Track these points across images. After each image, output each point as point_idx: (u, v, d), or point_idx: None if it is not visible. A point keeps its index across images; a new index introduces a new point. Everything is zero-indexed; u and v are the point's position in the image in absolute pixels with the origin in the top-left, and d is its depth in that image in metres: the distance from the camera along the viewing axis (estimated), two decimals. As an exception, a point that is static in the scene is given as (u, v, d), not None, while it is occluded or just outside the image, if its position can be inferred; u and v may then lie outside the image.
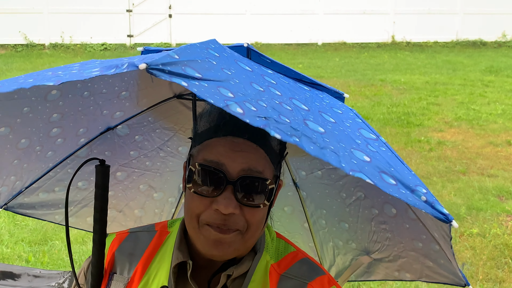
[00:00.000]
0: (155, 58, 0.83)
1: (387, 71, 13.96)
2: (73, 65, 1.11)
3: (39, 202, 1.69)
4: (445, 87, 12.01)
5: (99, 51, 16.93)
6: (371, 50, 17.79)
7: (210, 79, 0.86)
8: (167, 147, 1.75)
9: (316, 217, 1.80)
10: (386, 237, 1.61)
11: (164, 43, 17.68)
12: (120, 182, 1.76)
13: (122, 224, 1.86)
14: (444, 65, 15.07)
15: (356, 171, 0.83)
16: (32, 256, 4.56)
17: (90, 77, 0.86)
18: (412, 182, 0.94)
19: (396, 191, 0.87)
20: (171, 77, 0.80)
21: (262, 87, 0.96)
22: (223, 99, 0.81)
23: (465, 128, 8.91)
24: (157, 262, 1.21)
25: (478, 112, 9.84)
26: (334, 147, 0.87)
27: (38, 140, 1.45)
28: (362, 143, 1.00)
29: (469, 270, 4.48)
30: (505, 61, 15.58)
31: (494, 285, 4.29)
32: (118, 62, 0.90)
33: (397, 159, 1.05)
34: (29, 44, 16.96)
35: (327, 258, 1.86)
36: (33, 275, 2.62)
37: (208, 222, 1.07)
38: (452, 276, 1.52)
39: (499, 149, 7.76)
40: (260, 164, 1.08)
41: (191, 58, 0.89)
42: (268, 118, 0.82)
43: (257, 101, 0.87)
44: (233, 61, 1.04)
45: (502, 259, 4.67)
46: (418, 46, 18.27)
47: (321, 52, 17.42)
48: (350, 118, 1.15)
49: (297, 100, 1.02)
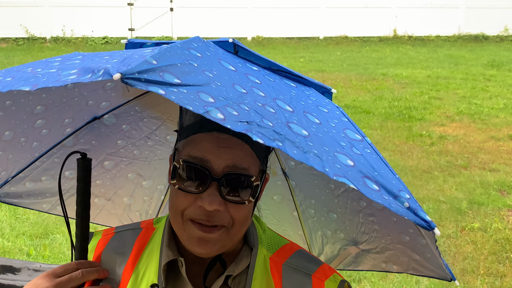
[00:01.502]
0: (131, 66, 0.81)
1: (388, 65, 13.94)
2: (54, 60, 1.09)
3: (26, 191, 1.69)
4: (447, 81, 11.99)
5: (100, 45, 16.92)
6: (373, 44, 17.75)
7: (190, 84, 0.84)
8: (155, 136, 1.75)
9: (305, 206, 1.81)
10: (373, 229, 1.62)
11: (165, 36, 17.66)
12: (108, 171, 1.75)
13: (111, 212, 1.86)
14: (446, 59, 15.04)
15: (340, 175, 0.82)
16: (33, 249, 4.57)
17: (66, 83, 0.84)
18: (395, 187, 0.93)
19: (379, 197, 0.86)
20: (148, 86, 0.78)
21: (245, 89, 0.94)
22: (203, 105, 0.79)
23: (467, 122, 8.90)
24: (145, 260, 1.20)
25: (480, 107, 9.82)
26: (317, 151, 0.86)
27: (22, 132, 1.45)
28: (346, 145, 0.99)
29: (473, 260, 4.48)
30: (507, 55, 15.54)
31: (495, 279, 4.29)
32: (96, 65, 0.87)
33: (381, 162, 1.04)
34: (31, 37, 16.95)
35: (316, 247, 1.87)
36: (33, 269, 2.61)
37: (192, 217, 1.06)
38: (438, 270, 1.53)
39: (500, 144, 7.75)
40: (246, 160, 1.07)
41: (170, 63, 0.87)
42: (250, 122, 0.81)
43: (239, 104, 0.85)
44: (216, 60, 1.02)
45: (504, 254, 4.66)
46: (420, 40, 18.23)
47: (323, 46, 17.38)
48: (335, 117, 1.14)
49: (281, 101, 1.00)
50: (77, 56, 1.11)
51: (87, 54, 1.14)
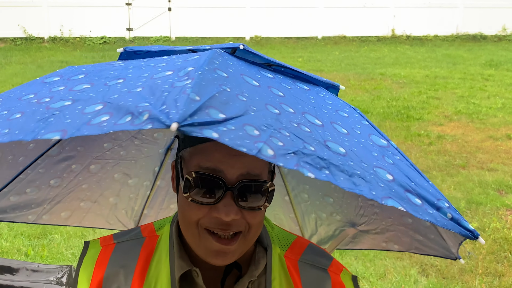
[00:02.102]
0: (180, 108, 0.77)
1: (387, 65, 13.94)
2: (52, 81, 1.03)
3: (11, 205, 1.66)
4: (445, 81, 11.99)
5: (98, 45, 16.90)
6: (371, 44, 17.76)
7: (233, 116, 0.81)
8: (142, 135, 1.73)
9: (298, 191, 1.82)
10: (373, 212, 1.63)
11: (163, 36, 17.64)
12: (94, 174, 1.74)
13: (97, 213, 1.85)
14: (444, 59, 15.05)
15: (387, 197, 0.81)
16: (31, 250, 4.56)
17: (102, 131, 0.77)
18: (434, 196, 0.92)
19: (425, 213, 0.85)
20: (202, 130, 0.75)
21: (276, 108, 0.93)
22: (253, 142, 0.77)
23: (465, 122, 8.90)
24: (154, 271, 1.16)
25: (478, 106, 9.83)
26: (360, 172, 0.84)
27: (10, 151, 1.43)
28: (379, 156, 0.97)
29: (471, 260, 4.48)
30: (505, 55, 15.55)
31: (494, 279, 4.29)
32: (128, 103, 0.82)
33: (413, 169, 1.03)
34: (28, 37, 16.93)
35: (308, 228, 1.89)
36: (31, 270, 2.61)
37: (208, 227, 1.04)
38: (442, 250, 1.54)
39: (499, 143, 7.75)
40: (258, 166, 1.05)
41: (210, 95, 0.84)
42: (296, 152, 0.80)
43: (279, 130, 0.84)
44: (240, 78, 1.00)
45: (502, 253, 4.67)
46: (418, 40, 18.24)
47: (321, 45, 17.38)
48: (357, 122, 1.12)
49: (309, 115, 0.99)
50: (78, 75, 1.06)
51: (88, 71, 1.08)
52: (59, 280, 2.63)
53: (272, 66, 1.28)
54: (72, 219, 1.82)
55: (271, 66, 1.28)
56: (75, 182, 1.72)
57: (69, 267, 2.78)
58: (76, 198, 1.77)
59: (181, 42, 17.21)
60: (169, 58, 1.11)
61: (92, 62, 14.09)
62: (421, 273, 4.41)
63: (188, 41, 17.27)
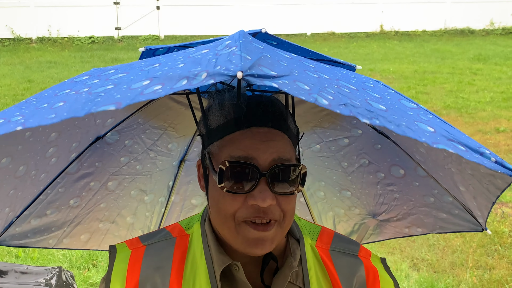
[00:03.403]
0: (237, 63, 0.79)
1: (376, 61, 13.97)
2: (104, 82, 0.93)
3: (32, 230, 1.63)
4: (434, 76, 12.04)
5: (86, 44, 16.82)
6: (360, 40, 17.79)
7: (283, 74, 0.82)
8: (156, 147, 1.73)
9: (313, 190, 1.81)
10: (393, 198, 1.63)
11: (152, 35, 17.59)
12: (111, 192, 1.73)
13: (115, 234, 1.82)
14: (432, 53, 15.10)
15: (437, 142, 0.81)
16: (21, 251, 4.53)
17: (160, 95, 0.75)
18: (474, 144, 0.92)
19: (472, 157, 0.85)
20: (263, 81, 0.76)
21: (315, 74, 0.93)
22: (307, 93, 0.78)
23: (454, 116, 8.94)
24: (190, 270, 1.14)
25: (467, 100, 9.87)
26: (405, 123, 0.85)
27: (35, 164, 1.39)
28: (414, 114, 0.97)
29: (460, 258, 4.51)
30: (493, 49, 15.63)
31: (484, 272, 4.32)
32: (181, 71, 0.82)
33: (448, 125, 1.03)
34: (16, 38, 16.82)
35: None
36: (20, 272, 2.59)
37: (245, 219, 1.03)
38: (468, 224, 1.54)
39: (488, 137, 7.79)
40: (287, 150, 1.06)
41: (257, 56, 0.85)
42: (346, 104, 0.80)
43: (326, 88, 0.85)
44: (272, 50, 1.01)
45: (492, 246, 4.70)
46: (407, 35, 18.29)
47: (310, 42, 17.39)
48: (384, 90, 1.12)
49: (343, 81, 0.98)
50: (108, 70, 1.03)
51: (116, 67, 1.06)
52: (48, 282, 2.61)
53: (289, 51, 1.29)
54: (92, 242, 1.80)
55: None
56: (93, 201, 1.70)
57: (58, 268, 2.77)
58: (95, 219, 1.76)
59: (170, 40, 17.16)
60: (195, 48, 1.08)
61: (81, 62, 14.02)
62: (412, 267, 4.43)
63: (177, 39, 17.21)
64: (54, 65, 13.59)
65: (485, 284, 4.15)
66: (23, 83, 11.45)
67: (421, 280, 4.19)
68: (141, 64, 1.01)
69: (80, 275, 4.23)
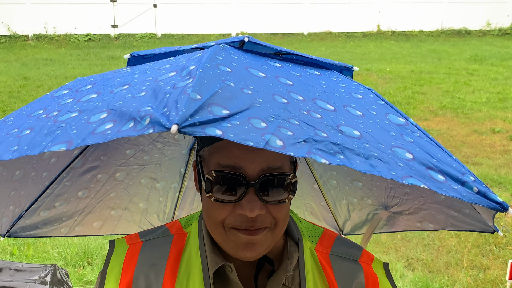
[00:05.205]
0: (180, 109, 0.77)
1: (372, 61, 13.98)
2: (61, 94, 1.04)
3: (42, 221, 1.66)
4: (430, 76, 12.06)
5: (83, 42, 16.78)
6: (357, 39, 17.80)
7: (237, 111, 0.81)
8: (163, 138, 1.74)
9: (326, 178, 1.82)
10: (404, 192, 1.62)
11: (149, 33, 17.56)
12: (120, 182, 1.74)
13: (129, 219, 1.85)
14: (429, 54, 15.13)
15: (407, 176, 0.80)
16: (16, 249, 4.52)
17: (106, 139, 0.77)
18: (458, 170, 0.90)
19: (450, 189, 0.83)
20: (204, 129, 0.75)
21: (284, 97, 0.92)
22: (260, 134, 0.77)
23: (450, 116, 8.96)
24: (185, 268, 1.14)
25: (463, 101, 9.89)
26: (377, 153, 0.83)
27: (32, 167, 1.41)
28: (397, 135, 0.96)
29: (455, 258, 4.52)
30: (489, 49, 15.67)
31: (479, 272, 4.33)
32: (131, 108, 0.83)
33: (434, 145, 1.00)
34: (12, 35, 16.77)
35: (341, 214, 1.89)
36: (14, 269, 2.58)
37: (234, 226, 1.03)
38: (479, 224, 1.53)
39: (483, 137, 7.81)
40: (278, 158, 1.03)
41: (211, 92, 0.83)
42: (307, 140, 0.79)
43: (288, 120, 0.83)
44: (245, 71, 0.99)
45: (487, 247, 4.71)
46: (403, 35, 18.31)
47: (307, 41, 17.39)
48: (372, 103, 1.10)
49: (320, 100, 0.97)
50: (86, 85, 1.06)
51: (96, 80, 1.09)
52: (43, 279, 2.61)
53: (282, 55, 1.27)
54: (105, 228, 1.83)
55: (280, 55, 1.27)
56: (102, 191, 1.72)
57: (53, 266, 2.76)
58: (106, 207, 1.77)
59: (166, 38, 17.14)
60: (175, 59, 1.10)
61: (77, 59, 14.00)
62: (407, 267, 4.43)
63: (173, 37, 17.20)
64: (50, 62, 13.56)
65: (479, 284, 4.16)
66: (19, 80, 11.42)
67: (416, 280, 4.20)
68: (117, 81, 1.03)
69: (75, 273, 4.22)
